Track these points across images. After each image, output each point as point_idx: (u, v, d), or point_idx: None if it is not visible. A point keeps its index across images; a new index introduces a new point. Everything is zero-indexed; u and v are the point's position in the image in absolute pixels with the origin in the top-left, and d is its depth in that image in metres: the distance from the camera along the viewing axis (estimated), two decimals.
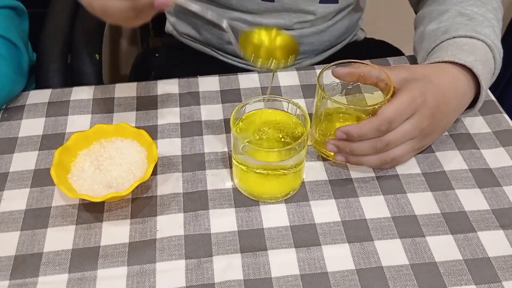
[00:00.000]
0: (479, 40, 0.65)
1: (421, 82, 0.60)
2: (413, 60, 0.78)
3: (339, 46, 0.97)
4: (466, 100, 0.64)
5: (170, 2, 0.54)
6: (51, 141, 0.67)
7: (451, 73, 0.63)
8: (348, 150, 0.60)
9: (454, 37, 0.67)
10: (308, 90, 0.74)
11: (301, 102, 0.73)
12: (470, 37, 0.66)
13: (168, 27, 1.01)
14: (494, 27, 0.69)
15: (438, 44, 0.68)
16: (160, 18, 1.07)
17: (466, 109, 0.66)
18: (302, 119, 0.59)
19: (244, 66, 0.93)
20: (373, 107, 0.59)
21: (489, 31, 0.67)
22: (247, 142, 0.59)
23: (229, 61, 0.93)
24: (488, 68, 0.65)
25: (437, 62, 0.64)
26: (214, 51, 0.94)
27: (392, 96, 0.59)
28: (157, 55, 1.02)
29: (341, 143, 0.60)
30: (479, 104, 0.65)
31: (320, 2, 0.83)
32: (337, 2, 0.85)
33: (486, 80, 0.64)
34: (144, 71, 0.98)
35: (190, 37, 0.95)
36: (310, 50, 0.91)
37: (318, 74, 0.62)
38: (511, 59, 1.55)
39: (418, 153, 0.65)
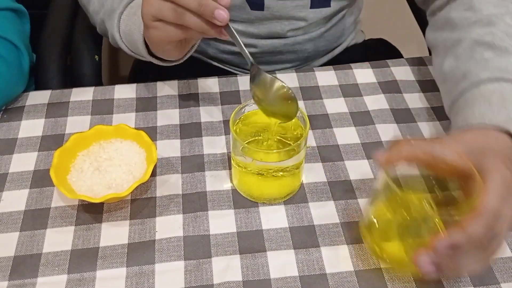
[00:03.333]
0: (507, 81, 0.55)
1: (493, 155, 0.49)
2: (412, 62, 0.78)
3: (336, 51, 0.95)
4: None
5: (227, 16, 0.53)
6: (51, 142, 0.68)
7: (499, 138, 0.52)
8: (454, 265, 0.45)
9: (478, 84, 0.57)
10: (307, 92, 0.74)
11: (300, 103, 0.73)
12: (496, 80, 0.55)
13: None
14: None
15: (462, 94, 0.58)
16: None
17: None
18: (301, 120, 0.59)
19: (240, 73, 0.93)
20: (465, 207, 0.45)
21: None
22: (246, 143, 0.59)
23: (225, 67, 0.93)
24: None
25: (471, 127, 0.54)
26: (210, 60, 0.93)
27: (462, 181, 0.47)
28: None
29: (444, 260, 0.44)
30: None
31: (311, 7, 0.81)
32: (329, 6, 0.83)
33: None
34: (142, 73, 0.98)
35: None
36: (306, 57, 0.90)
37: (382, 162, 0.48)
38: None
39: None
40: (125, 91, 0.75)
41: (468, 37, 0.61)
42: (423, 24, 0.94)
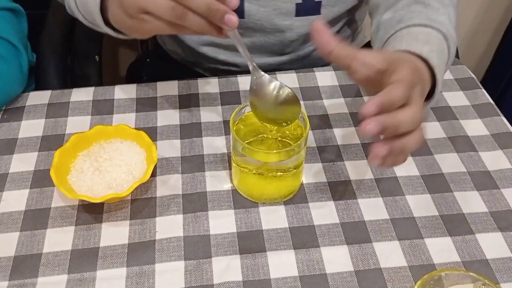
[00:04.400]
0: (434, 28, 0.62)
1: (407, 64, 0.52)
2: None
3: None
4: (426, 88, 0.56)
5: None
6: (51, 142, 0.68)
7: (417, 61, 0.56)
8: (396, 122, 0.46)
9: (409, 26, 0.63)
10: (307, 92, 0.74)
11: (300, 104, 0.73)
12: (425, 26, 0.62)
13: (159, 39, 0.99)
14: (449, 14, 0.65)
15: (393, 34, 0.64)
16: None
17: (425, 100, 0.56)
18: (302, 120, 0.59)
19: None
20: None
21: (444, 19, 0.64)
22: (246, 143, 0.59)
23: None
24: (443, 59, 0.60)
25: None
26: (199, 70, 0.92)
27: None
28: (148, 60, 1.01)
29: (384, 118, 0.45)
30: (436, 95, 0.58)
31: (296, 15, 0.78)
32: (319, 13, 0.79)
33: (441, 72, 0.59)
34: (138, 76, 0.98)
35: (177, 54, 0.94)
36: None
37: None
38: (510, 61, 1.55)
39: (416, 156, 0.65)
40: (125, 91, 0.75)
41: None
42: None
